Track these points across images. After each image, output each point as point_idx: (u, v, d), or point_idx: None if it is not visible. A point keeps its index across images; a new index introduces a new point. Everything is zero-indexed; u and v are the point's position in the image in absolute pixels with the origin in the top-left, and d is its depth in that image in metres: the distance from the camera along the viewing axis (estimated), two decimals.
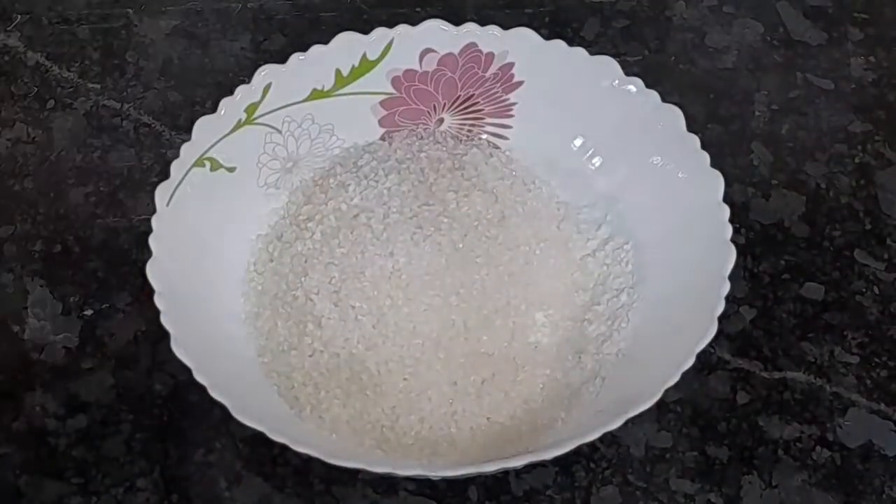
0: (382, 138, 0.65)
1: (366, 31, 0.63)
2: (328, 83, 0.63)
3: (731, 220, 0.56)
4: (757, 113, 0.71)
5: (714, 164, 0.58)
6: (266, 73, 0.61)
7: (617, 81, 0.62)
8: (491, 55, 0.63)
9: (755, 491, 0.56)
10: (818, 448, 0.58)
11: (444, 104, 0.65)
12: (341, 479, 0.56)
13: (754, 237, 0.65)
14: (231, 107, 0.60)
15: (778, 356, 0.61)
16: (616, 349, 0.57)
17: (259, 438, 0.49)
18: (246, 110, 0.61)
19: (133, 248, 0.64)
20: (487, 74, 0.64)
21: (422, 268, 0.58)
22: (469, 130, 0.66)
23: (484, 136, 0.65)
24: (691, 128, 0.60)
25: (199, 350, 0.52)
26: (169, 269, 0.54)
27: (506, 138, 0.65)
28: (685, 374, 0.51)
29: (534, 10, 0.76)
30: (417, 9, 0.75)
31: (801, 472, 0.57)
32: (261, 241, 0.61)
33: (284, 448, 0.49)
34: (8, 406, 0.58)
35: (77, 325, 0.61)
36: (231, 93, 0.60)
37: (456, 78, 0.64)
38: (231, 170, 0.60)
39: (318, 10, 0.76)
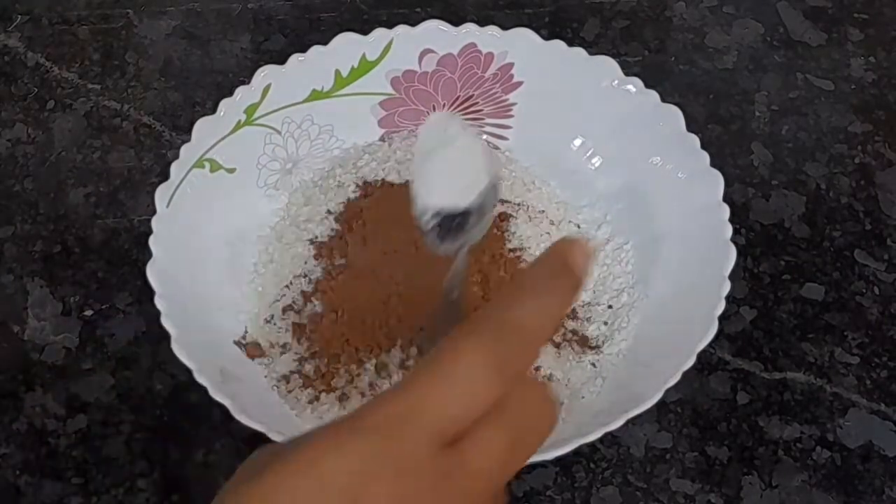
0: (382, 139, 0.65)
1: (366, 32, 0.63)
2: (328, 84, 0.63)
3: (732, 220, 0.56)
4: (757, 113, 0.71)
5: (714, 164, 0.58)
6: (266, 74, 0.61)
7: (616, 81, 0.62)
8: (490, 55, 0.63)
9: (755, 491, 0.56)
10: (818, 448, 0.58)
11: (444, 105, 0.65)
12: None
13: (754, 237, 0.65)
14: (231, 108, 0.60)
15: (778, 356, 0.61)
16: (616, 349, 0.57)
17: (259, 438, 0.49)
18: (246, 111, 0.61)
19: (133, 248, 0.64)
20: (487, 75, 0.64)
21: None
22: None
23: (484, 137, 0.65)
24: (691, 128, 0.60)
25: (200, 351, 0.52)
26: (169, 270, 0.54)
27: (506, 138, 0.65)
28: (685, 374, 0.51)
29: (534, 10, 0.76)
30: (417, 9, 0.75)
31: (802, 472, 0.57)
32: (261, 242, 0.61)
33: None
34: (8, 406, 0.58)
35: (77, 326, 0.61)
36: (231, 93, 0.60)
37: (455, 78, 0.64)
38: (231, 171, 0.60)
39: (318, 11, 0.76)
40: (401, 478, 0.30)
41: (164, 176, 0.57)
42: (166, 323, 0.52)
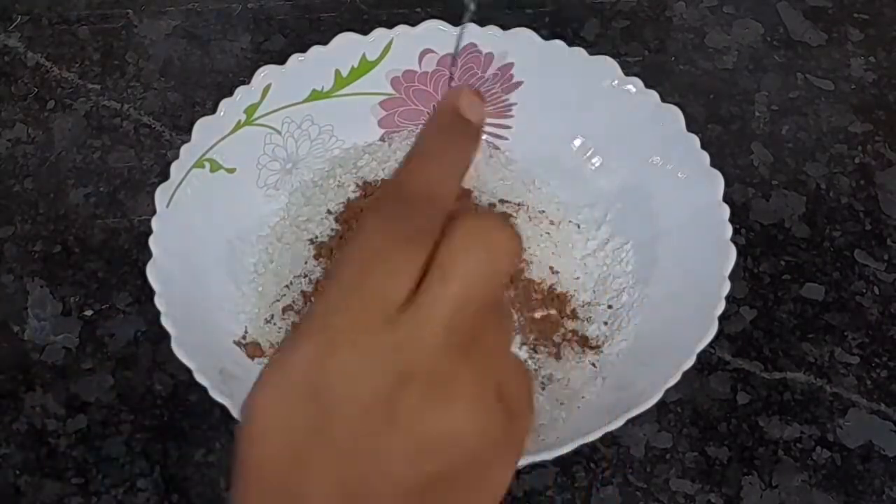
0: (382, 139, 0.65)
1: (366, 32, 0.63)
2: (327, 84, 0.63)
3: (732, 220, 0.56)
4: (757, 113, 0.71)
5: (714, 164, 0.58)
6: (266, 74, 0.61)
7: (617, 81, 0.62)
8: (490, 55, 0.63)
9: (755, 491, 0.56)
10: (818, 448, 0.58)
11: None
12: None
13: (754, 237, 0.65)
14: (231, 108, 0.60)
15: (778, 356, 0.61)
16: (616, 349, 0.57)
17: None
18: (245, 111, 0.61)
19: (133, 248, 0.64)
20: (487, 75, 0.64)
21: None
22: None
23: (484, 137, 0.65)
24: (691, 128, 0.60)
25: (200, 351, 0.52)
26: (169, 270, 0.54)
27: (505, 138, 0.65)
28: (685, 374, 0.51)
29: (534, 10, 0.76)
30: (417, 9, 0.75)
31: (802, 472, 0.57)
32: (261, 242, 0.61)
33: None
34: (8, 406, 0.58)
35: (77, 326, 0.61)
36: (231, 93, 0.60)
37: (455, 78, 0.64)
38: (231, 171, 0.60)
39: (318, 11, 0.76)
40: (355, 352, 0.30)
41: (164, 176, 0.57)
42: (166, 323, 0.52)
